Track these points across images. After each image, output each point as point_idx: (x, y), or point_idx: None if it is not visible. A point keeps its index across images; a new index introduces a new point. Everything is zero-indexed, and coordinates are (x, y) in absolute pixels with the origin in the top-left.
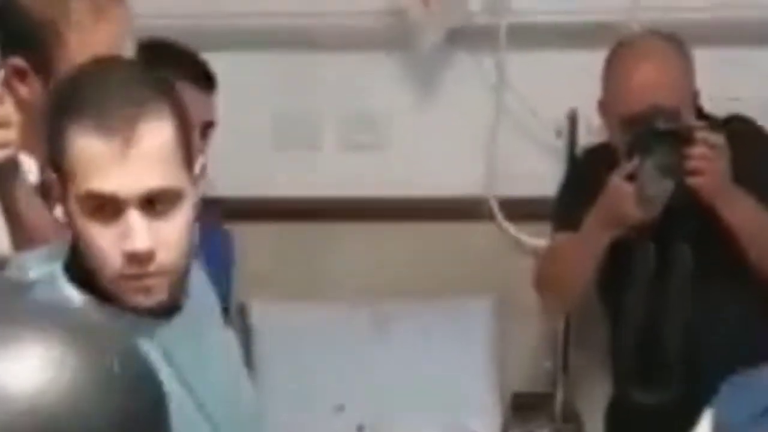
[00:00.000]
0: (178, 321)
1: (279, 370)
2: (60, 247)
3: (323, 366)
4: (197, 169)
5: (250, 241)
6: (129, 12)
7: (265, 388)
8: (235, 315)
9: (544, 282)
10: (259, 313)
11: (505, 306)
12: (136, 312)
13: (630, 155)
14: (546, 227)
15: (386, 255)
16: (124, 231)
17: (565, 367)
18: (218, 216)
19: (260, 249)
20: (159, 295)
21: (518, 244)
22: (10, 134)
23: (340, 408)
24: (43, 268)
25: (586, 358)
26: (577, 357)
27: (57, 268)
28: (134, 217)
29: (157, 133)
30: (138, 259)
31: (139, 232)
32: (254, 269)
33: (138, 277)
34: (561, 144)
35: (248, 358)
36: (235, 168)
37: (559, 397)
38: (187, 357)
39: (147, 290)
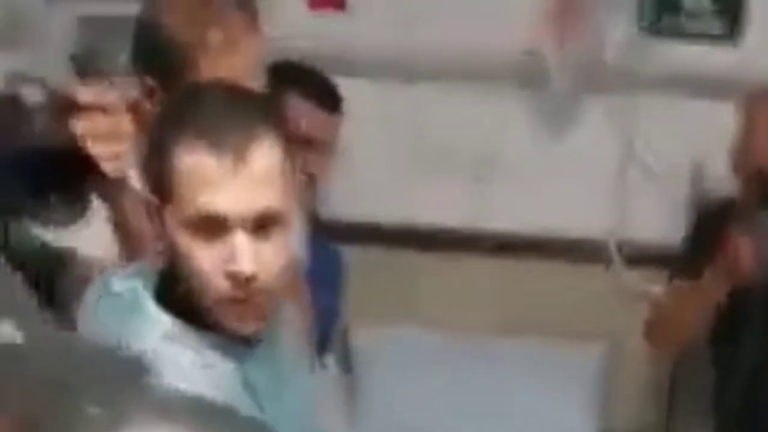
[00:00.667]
0: (263, 351)
1: (378, 394)
2: (146, 265)
3: (422, 395)
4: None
5: (362, 264)
6: (262, 41)
7: (364, 410)
8: (340, 336)
9: (655, 327)
10: (364, 338)
11: (615, 352)
12: (226, 335)
13: (755, 210)
14: (664, 275)
15: (498, 290)
16: (231, 252)
17: (670, 418)
18: (333, 236)
19: (371, 273)
20: (258, 321)
21: (634, 290)
22: (121, 147)
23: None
24: (126, 284)
25: (691, 409)
26: (682, 408)
27: (140, 286)
28: (241, 239)
29: (267, 155)
30: (242, 282)
31: (246, 254)
32: (363, 293)
33: (241, 300)
34: (686, 192)
35: (349, 380)
36: (356, 192)
37: None
38: (267, 387)
39: (247, 315)
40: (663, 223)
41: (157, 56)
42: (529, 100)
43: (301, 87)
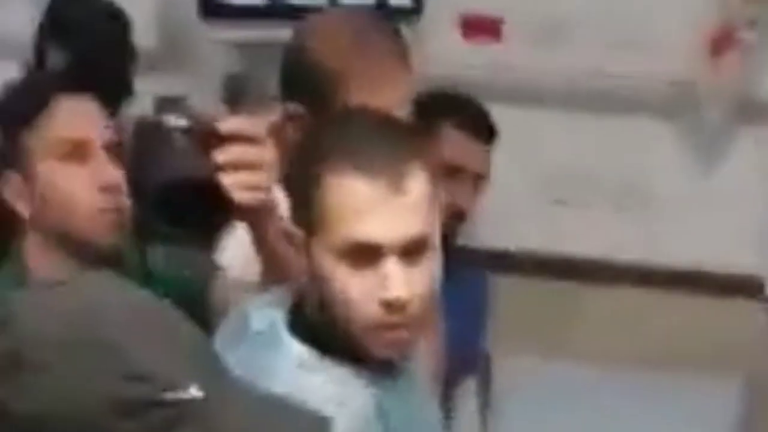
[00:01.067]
0: (399, 383)
1: (515, 424)
2: (281, 295)
3: (555, 423)
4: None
5: (504, 292)
6: (412, 75)
7: None
8: (481, 362)
9: None
10: (503, 364)
11: (757, 390)
12: (364, 365)
13: None
14: None
15: (641, 322)
16: (382, 279)
17: None
18: (480, 264)
19: (513, 301)
20: (408, 348)
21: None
22: (262, 177)
23: None
24: (264, 319)
25: None
26: None
27: (278, 318)
28: (393, 265)
29: (419, 181)
30: (397, 308)
31: (399, 280)
32: (505, 321)
33: (393, 327)
34: None
35: (486, 406)
36: (499, 219)
37: None
38: (400, 419)
39: (398, 343)
40: None
41: (304, 82)
42: (680, 130)
43: (455, 116)
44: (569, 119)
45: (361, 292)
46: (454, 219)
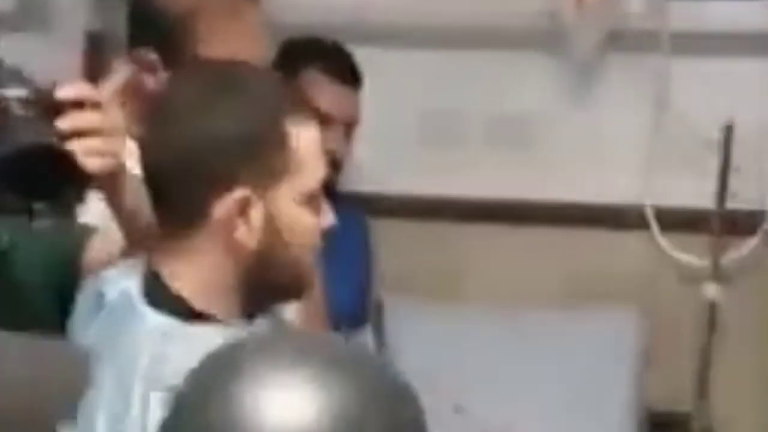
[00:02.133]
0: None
1: (407, 367)
2: (135, 265)
3: (450, 368)
4: None
5: (388, 238)
6: (263, 13)
7: None
8: (372, 310)
9: None
10: (392, 312)
11: (650, 320)
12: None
13: None
14: (697, 240)
15: (527, 260)
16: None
17: (704, 390)
18: (360, 210)
19: (398, 246)
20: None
21: (669, 257)
22: (108, 142)
23: (460, 409)
24: (118, 290)
25: (730, 381)
26: (720, 380)
27: (132, 288)
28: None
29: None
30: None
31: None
32: (391, 267)
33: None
34: (717, 156)
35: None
36: (378, 164)
37: (697, 420)
38: None
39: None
40: (694, 187)
41: (156, 31)
42: (550, 64)
43: (320, 62)
44: (437, 57)
45: (316, 229)
46: (329, 167)
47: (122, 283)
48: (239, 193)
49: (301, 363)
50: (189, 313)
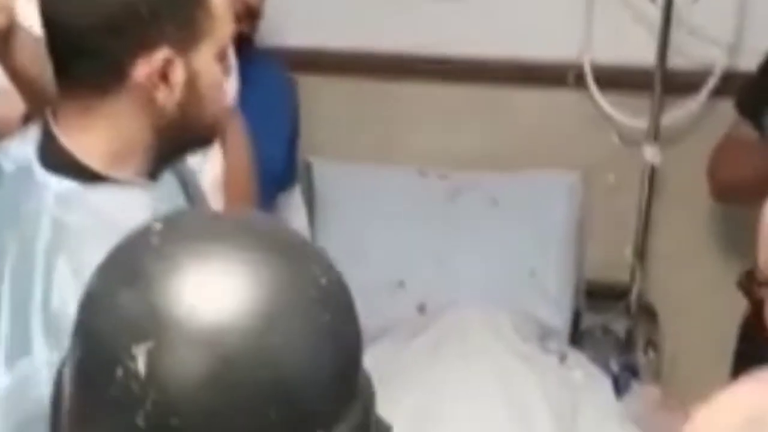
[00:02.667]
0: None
1: (339, 233)
2: (32, 132)
3: (385, 237)
4: None
5: (315, 96)
6: None
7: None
8: (301, 171)
9: (717, 174)
10: (323, 172)
11: (587, 184)
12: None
13: None
14: (637, 100)
15: (463, 119)
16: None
17: (642, 257)
18: (285, 64)
19: (328, 105)
20: None
21: (608, 117)
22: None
23: (401, 284)
24: (13, 158)
25: (669, 247)
26: (659, 246)
27: (29, 154)
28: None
29: None
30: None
31: None
32: (321, 126)
33: None
34: (658, 11)
35: (311, 218)
36: (307, 17)
37: (636, 288)
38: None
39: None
40: (635, 44)
41: None
42: None
43: None
44: None
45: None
46: (245, 18)
47: (20, 151)
48: (162, 53)
49: (225, 247)
50: (89, 177)
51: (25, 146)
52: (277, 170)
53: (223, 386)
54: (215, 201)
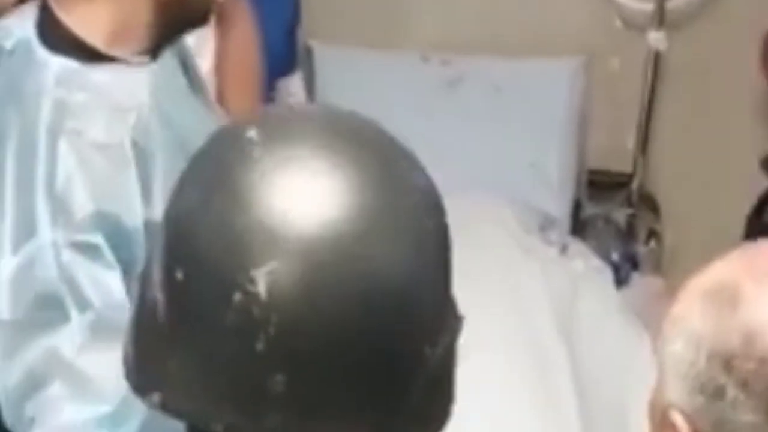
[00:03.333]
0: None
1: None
2: (30, 10)
3: (387, 121)
4: None
5: None
6: None
7: None
8: (302, 56)
9: None
10: (324, 57)
11: (591, 71)
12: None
13: None
14: None
15: (467, 4)
16: None
17: (645, 146)
18: None
19: None
20: None
21: (614, 2)
22: None
23: None
24: (12, 36)
25: (671, 138)
26: (662, 135)
27: (28, 33)
28: None
29: None
30: None
31: None
32: (324, 11)
33: None
34: None
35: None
36: None
37: (637, 178)
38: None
39: None
40: None
41: None
42: None
43: None
44: None
45: None
46: None
47: (19, 30)
48: None
49: (330, 157)
50: (90, 55)
51: (24, 24)
52: (277, 55)
53: (349, 303)
54: (211, 87)
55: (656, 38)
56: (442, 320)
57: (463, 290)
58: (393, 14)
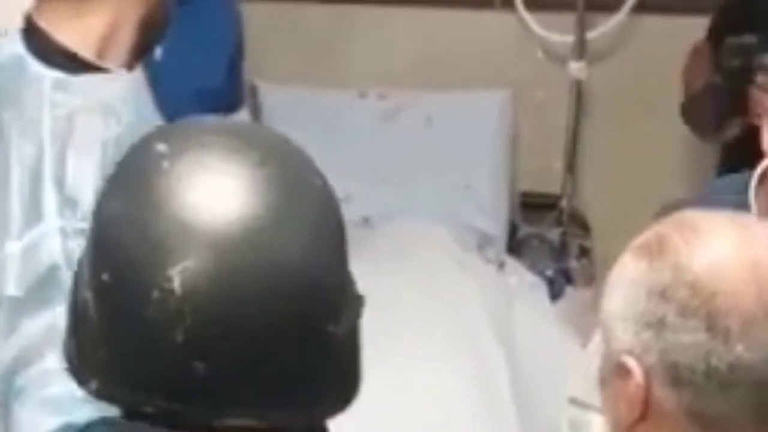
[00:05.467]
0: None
1: None
2: (12, 32)
3: (329, 154)
4: None
5: (262, 19)
6: None
7: None
8: (247, 94)
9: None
10: (269, 95)
11: (517, 101)
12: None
13: None
14: (562, 17)
15: (399, 42)
16: None
17: (572, 169)
18: None
19: (273, 28)
20: None
21: (535, 35)
22: None
23: (347, 199)
24: (6, 52)
25: (596, 160)
26: (587, 158)
27: (19, 47)
28: None
29: None
30: None
31: None
32: (266, 49)
33: None
34: None
35: None
36: None
37: (566, 199)
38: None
39: None
40: None
41: None
42: None
43: None
44: None
45: None
46: None
47: (8, 48)
48: None
49: (234, 162)
50: (81, 66)
51: (12, 44)
52: (221, 91)
53: (253, 288)
54: None
55: (577, 68)
56: (342, 300)
57: (405, 308)
58: (332, 54)
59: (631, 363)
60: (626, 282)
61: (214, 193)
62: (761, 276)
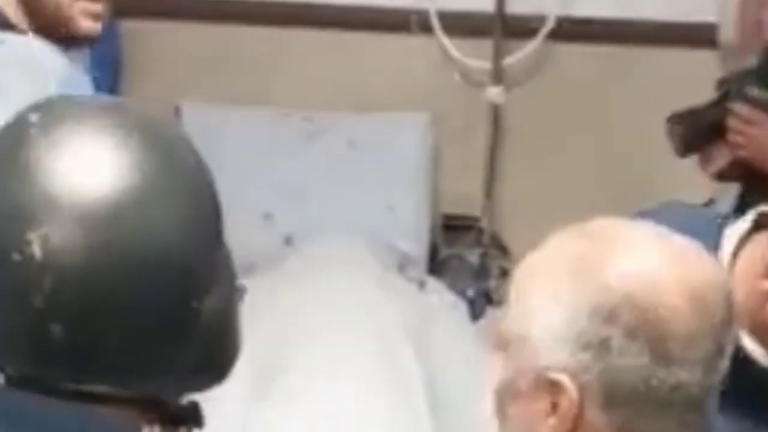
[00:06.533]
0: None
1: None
2: None
3: (253, 172)
4: None
5: (188, 40)
6: None
7: None
8: (172, 116)
9: None
10: (193, 114)
11: (437, 125)
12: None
13: None
14: (480, 43)
15: (321, 65)
16: None
17: (490, 192)
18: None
19: (195, 50)
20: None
21: (454, 61)
22: None
23: (269, 217)
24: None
25: (514, 183)
26: (506, 181)
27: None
28: None
29: None
30: None
31: None
32: (188, 71)
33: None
34: None
35: None
36: None
37: (486, 221)
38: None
39: (96, 16)
40: None
41: None
42: None
43: None
44: None
45: None
46: None
47: None
48: None
49: (101, 133)
50: (7, 26)
51: None
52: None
53: (115, 260)
54: None
55: (495, 93)
56: (211, 279)
57: (325, 327)
58: (255, 76)
59: (565, 380)
60: (564, 299)
61: (83, 164)
62: (696, 294)
